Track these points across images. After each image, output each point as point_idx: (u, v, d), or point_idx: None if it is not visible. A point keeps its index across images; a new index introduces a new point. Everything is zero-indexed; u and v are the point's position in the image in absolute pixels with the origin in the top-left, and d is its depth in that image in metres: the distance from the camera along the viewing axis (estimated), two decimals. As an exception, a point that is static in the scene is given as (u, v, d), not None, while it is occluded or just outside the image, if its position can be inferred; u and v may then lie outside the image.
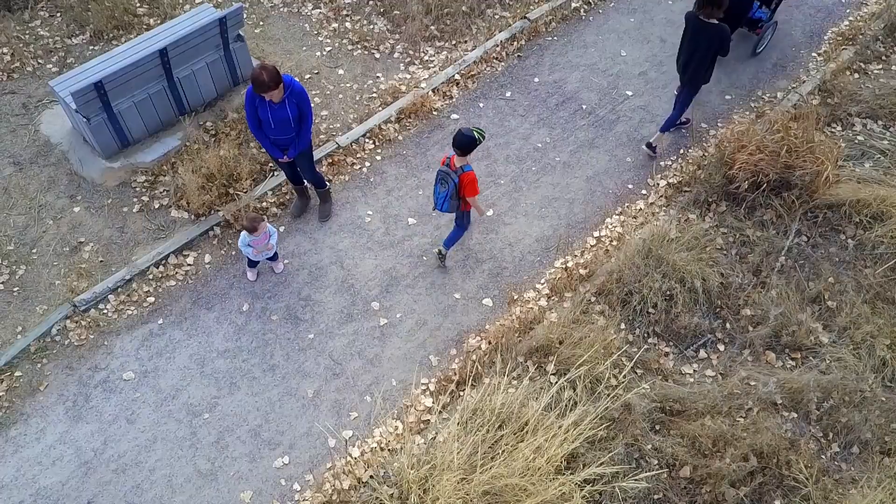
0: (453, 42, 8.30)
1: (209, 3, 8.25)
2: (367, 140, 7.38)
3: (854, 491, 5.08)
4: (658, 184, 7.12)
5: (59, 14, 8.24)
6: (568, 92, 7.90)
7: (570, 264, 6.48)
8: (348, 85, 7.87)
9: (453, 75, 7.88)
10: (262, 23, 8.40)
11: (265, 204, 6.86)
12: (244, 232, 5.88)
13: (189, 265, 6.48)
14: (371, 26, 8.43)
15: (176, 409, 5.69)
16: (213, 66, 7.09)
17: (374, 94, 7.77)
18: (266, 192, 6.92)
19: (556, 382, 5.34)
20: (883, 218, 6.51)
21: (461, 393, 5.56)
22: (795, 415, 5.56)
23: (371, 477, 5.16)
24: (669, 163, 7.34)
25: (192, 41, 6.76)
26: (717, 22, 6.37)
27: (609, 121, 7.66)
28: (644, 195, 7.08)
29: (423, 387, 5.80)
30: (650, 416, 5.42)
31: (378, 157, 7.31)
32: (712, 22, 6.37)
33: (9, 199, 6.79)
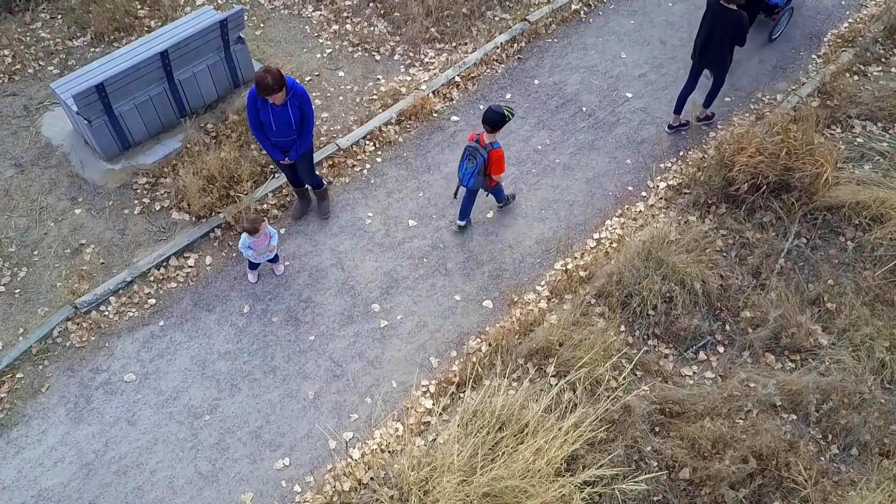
0: (453, 44, 8.31)
1: (210, 5, 8.27)
2: (367, 142, 7.39)
3: (853, 493, 5.09)
4: (658, 186, 7.13)
5: (60, 16, 8.25)
6: (568, 94, 7.91)
7: (570, 266, 6.49)
8: (349, 87, 7.89)
9: (453, 77, 7.89)
10: (262, 25, 8.41)
11: (266, 206, 6.88)
12: (245, 234, 5.88)
13: (190, 267, 6.49)
14: (371, 28, 8.44)
15: (177, 410, 5.71)
16: (214, 68, 7.10)
17: (375, 96, 7.78)
18: (267, 194, 6.93)
19: (556, 384, 5.36)
20: (882, 220, 6.51)
21: (461, 395, 5.58)
22: (795, 416, 5.56)
23: (371, 478, 5.17)
24: (669, 164, 7.36)
25: (192, 43, 6.77)
26: (736, 8, 6.43)
27: (609, 123, 7.67)
28: (644, 197, 7.09)
29: (424, 388, 5.82)
30: (650, 417, 5.43)
31: (378, 158, 7.32)
32: (732, 7, 6.43)
33: (10, 201, 6.81)
